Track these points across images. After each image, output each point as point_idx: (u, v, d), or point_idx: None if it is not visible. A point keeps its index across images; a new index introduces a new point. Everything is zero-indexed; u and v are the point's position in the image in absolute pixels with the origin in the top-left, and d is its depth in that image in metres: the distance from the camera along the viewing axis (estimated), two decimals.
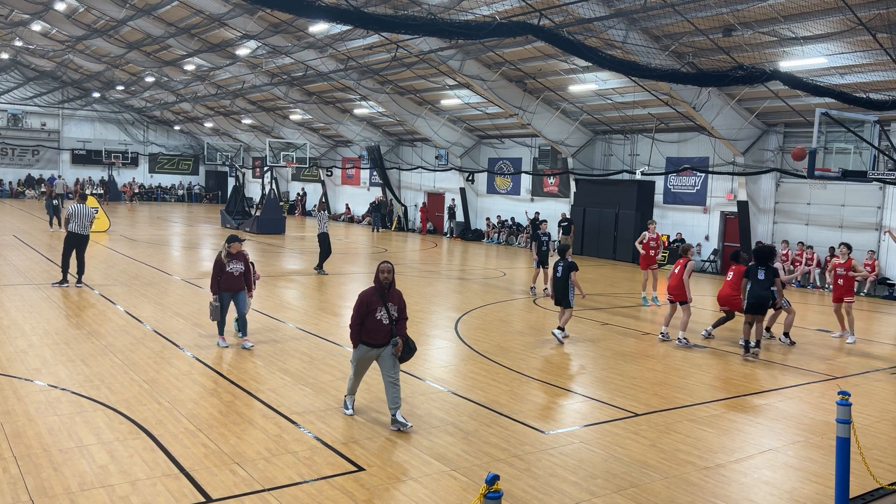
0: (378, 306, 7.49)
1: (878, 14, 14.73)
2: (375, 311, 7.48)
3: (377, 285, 7.59)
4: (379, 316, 7.49)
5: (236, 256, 10.59)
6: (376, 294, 7.56)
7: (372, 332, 7.53)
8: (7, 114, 48.19)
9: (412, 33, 15.27)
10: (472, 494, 6.07)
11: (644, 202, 26.51)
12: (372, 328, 7.51)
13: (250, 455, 6.72)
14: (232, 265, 10.52)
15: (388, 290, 7.59)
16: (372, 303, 7.50)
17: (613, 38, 18.30)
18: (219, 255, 10.58)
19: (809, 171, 12.72)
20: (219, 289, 10.51)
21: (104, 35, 32.96)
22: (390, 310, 7.55)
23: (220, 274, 10.49)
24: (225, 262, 10.49)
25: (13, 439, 6.83)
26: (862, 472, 6.56)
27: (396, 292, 7.70)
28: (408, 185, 38.66)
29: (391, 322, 7.56)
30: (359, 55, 26.90)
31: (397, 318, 7.63)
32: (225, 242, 10.60)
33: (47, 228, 27.88)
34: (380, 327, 7.51)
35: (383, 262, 7.65)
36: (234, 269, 10.55)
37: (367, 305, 7.48)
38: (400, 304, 7.68)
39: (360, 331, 7.57)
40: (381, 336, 7.53)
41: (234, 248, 10.59)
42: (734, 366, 11.18)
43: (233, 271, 10.52)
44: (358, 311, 7.53)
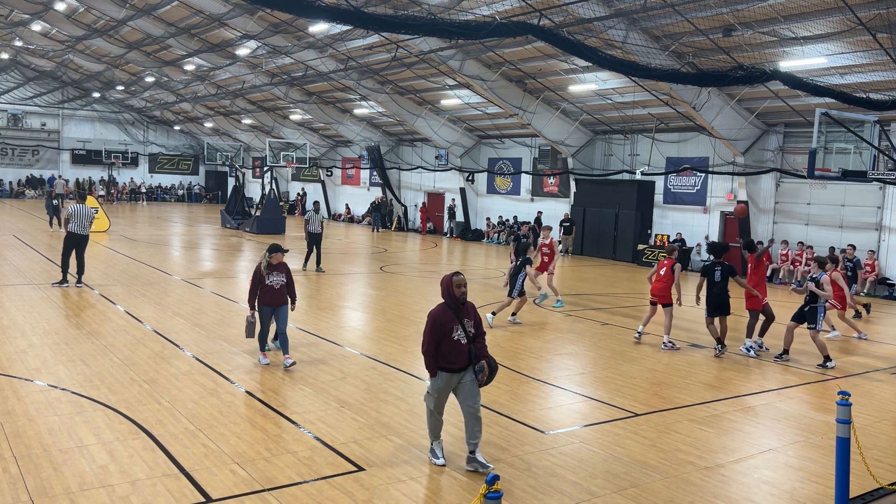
0: (454, 325, 6.52)
1: (878, 14, 14.73)
2: (452, 330, 6.49)
3: (449, 300, 6.59)
4: (456, 336, 6.51)
5: (278, 267, 9.67)
6: (449, 311, 6.57)
7: (450, 356, 6.51)
8: (7, 114, 48.19)
9: (412, 33, 15.27)
10: (472, 494, 6.07)
11: (644, 202, 26.52)
12: (450, 351, 6.50)
13: (250, 455, 6.72)
14: (272, 277, 9.60)
15: (463, 306, 6.65)
16: (446, 322, 6.51)
17: (613, 38, 18.30)
18: (258, 267, 9.65)
19: (809, 171, 12.73)
20: (258, 303, 9.68)
21: (104, 35, 32.97)
22: (467, 327, 6.58)
23: (258, 287, 9.62)
24: (265, 274, 9.59)
25: (13, 439, 6.83)
26: (862, 472, 6.56)
27: (470, 305, 6.74)
28: (408, 185, 38.66)
29: (469, 341, 6.60)
30: (359, 55, 26.90)
31: (474, 334, 6.66)
32: (266, 252, 9.67)
33: (47, 228, 27.89)
34: (458, 349, 6.52)
35: (455, 273, 6.70)
36: (275, 281, 9.60)
37: (442, 325, 6.49)
38: (475, 318, 6.72)
39: (436, 357, 6.52)
40: (461, 359, 6.54)
41: (276, 258, 9.65)
42: (734, 366, 11.18)
43: (273, 284, 9.59)
44: (431, 332, 6.50)
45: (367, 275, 19.99)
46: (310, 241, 19.42)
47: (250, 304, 9.74)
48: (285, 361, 9.72)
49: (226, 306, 14.17)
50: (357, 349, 11.10)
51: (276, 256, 9.66)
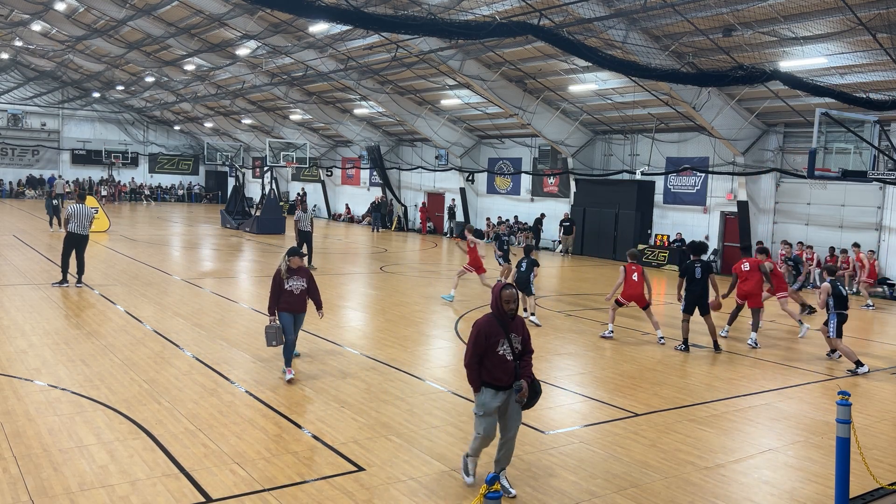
0: (500, 339, 6.07)
1: (878, 14, 14.73)
2: (497, 344, 6.05)
3: (497, 312, 6.15)
4: (501, 350, 6.06)
5: (298, 272, 9.27)
6: (496, 323, 6.12)
7: (494, 371, 6.07)
8: (7, 114, 48.20)
9: (412, 33, 15.26)
10: (473, 494, 6.07)
11: (644, 202, 26.52)
12: (494, 366, 6.06)
13: (250, 455, 6.71)
14: (292, 282, 9.20)
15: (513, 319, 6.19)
16: (492, 334, 6.06)
17: (613, 38, 18.30)
18: (277, 271, 9.25)
19: (809, 171, 12.74)
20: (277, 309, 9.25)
21: (104, 35, 32.97)
22: (514, 342, 6.12)
23: (279, 292, 9.19)
24: (284, 279, 9.19)
25: (13, 439, 6.83)
26: (862, 472, 6.56)
27: (520, 320, 6.26)
28: (408, 185, 38.66)
29: (515, 358, 6.14)
30: (359, 55, 26.90)
31: (521, 351, 6.20)
32: (285, 255, 9.30)
33: (47, 228, 27.89)
34: (503, 365, 6.06)
35: (505, 287, 6.16)
36: (295, 286, 9.22)
37: (487, 338, 6.04)
38: (524, 334, 6.24)
39: (480, 370, 6.11)
40: (506, 375, 6.08)
41: (295, 262, 9.24)
42: (734, 366, 11.18)
43: (293, 289, 9.21)
44: (475, 344, 6.06)
45: (367, 275, 19.99)
46: (300, 240, 20.06)
47: (270, 310, 9.26)
48: (286, 373, 9.25)
49: (226, 306, 14.17)
50: (357, 349, 11.10)
51: (294, 260, 9.24)
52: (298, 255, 9.29)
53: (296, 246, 9.39)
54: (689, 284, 11.99)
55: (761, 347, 12.56)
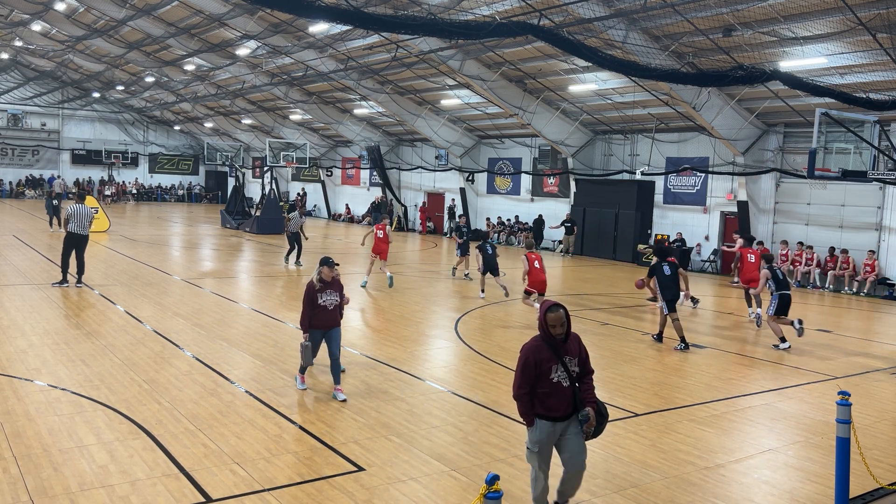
0: (552, 364, 5.30)
1: (878, 14, 14.73)
2: (549, 371, 5.29)
3: (545, 335, 5.39)
4: (555, 377, 5.29)
5: (331, 284, 8.53)
6: (546, 347, 5.35)
7: (549, 401, 5.30)
8: (7, 114, 48.19)
9: (412, 33, 15.26)
10: (472, 494, 6.07)
11: (644, 202, 26.51)
12: (548, 395, 5.29)
13: (250, 455, 6.71)
14: (325, 296, 8.47)
15: (565, 341, 5.41)
16: (543, 360, 5.30)
17: (613, 38, 18.30)
18: (310, 284, 8.51)
19: (809, 171, 12.75)
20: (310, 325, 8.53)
21: (104, 35, 32.97)
22: (569, 366, 5.36)
23: (311, 307, 8.45)
24: (318, 294, 8.46)
25: (13, 439, 6.83)
26: (862, 472, 6.56)
27: (574, 338, 5.51)
28: (408, 185, 38.66)
29: (572, 383, 5.37)
30: (359, 55, 26.90)
31: (579, 373, 5.43)
32: (318, 266, 8.54)
33: (47, 228, 27.89)
34: (559, 393, 5.30)
35: (553, 306, 5.40)
36: (328, 301, 8.49)
37: (537, 365, 5.29)
38: (581, 354, 5.47)
39: (532, 402, 5.33)
40: (563, 405, 5.31)
41: (327, 273, 8.48)
42: (734, 366, 11.19)
43: (326, 304, 8.47)
44: (523, 373, 5.31)
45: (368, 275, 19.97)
46: (290, 239, 21.20)
47: (303, 326, 8.50)
48: (337, 394, 8.50)
49: (226, 306, 14.18)
50: (357, 349, 11.10)
51: (327, 271, 8.47)
52: (330, 264, 8.50)
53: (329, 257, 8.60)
54: (664, 282, 12.32)
55: (761, 347, 12.55)
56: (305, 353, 8.55)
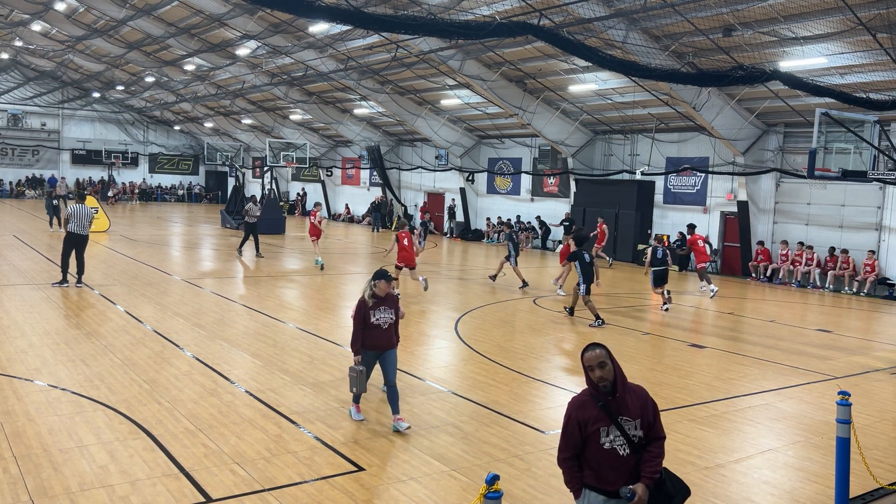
0: (602, 426, 4.13)
1: (878, 14, 14.73)
2: (598, 434, 4.12)
3: (592, 388, 4.24)
4: (607, 443, 4.12)
5: (385, 300, 7.62)
6: (593, 403, 4.19)
7: (601, 471, 4.15)
8: (7, 114, 48.20)
9: (412, 33, 15.27)
10: (472, 494, 6.07)
11: (644, 202, 26.51)
12: (599, 464, 4.14)
13: (250, 455, 6.71)
14: (379, 314, 7.54)
15: (615, 395, 4.19)
16: (589, 420, 4.14)
17: (613, 38, 18.30)
18: (361, 300, 7.59)
19: (809, 171, 12.76)
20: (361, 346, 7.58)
21: (104, 35, 32.97)
22: (627, 429, 4.13)
23: (364, 326, 7.53)
24: (371, 311, 7.54)
25: (13, 439, 6.83)
26: (862, 472, 6.56)
27: (635, 394, 4.30)
28: (408, 185, 38.66)
29: (634, 451, 4.15)
30: (359, 55, 26.90)
31: (641, 437, 4.20)
32: (371, 280, 7.63)
33: (47, 228, 27.89)
34: (612, 461, 4.13)
35: (589, 348, 4.29)
36: (382, 319, 7.55)
37: (581, 426, 4.15)
38: (644, 412, 4.23)
39: (579, 469, 4.22)
40: (619, 475, 4.12)
41: (383, 288, 7.56)
42: (734, 366, 11.19)
43: (380, 322, 7.54)
44: (565, 435, 4.21)
45: (368, 275, 19.89)
46: (247, 230, 22.37)
47: (354, 348, 7.58)
48: (398, 424, 7.52)
49: (226, 306, 14.18)
50: None
51: (382, 286, 7.57)
52: (386, 278, 7.62)
53: (385, 269, 7.79)
54: (584, 268, 13.97)
55: (761, 347, 12.55)
56: (358, 379, 7.56)
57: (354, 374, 7.56)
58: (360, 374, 7.56)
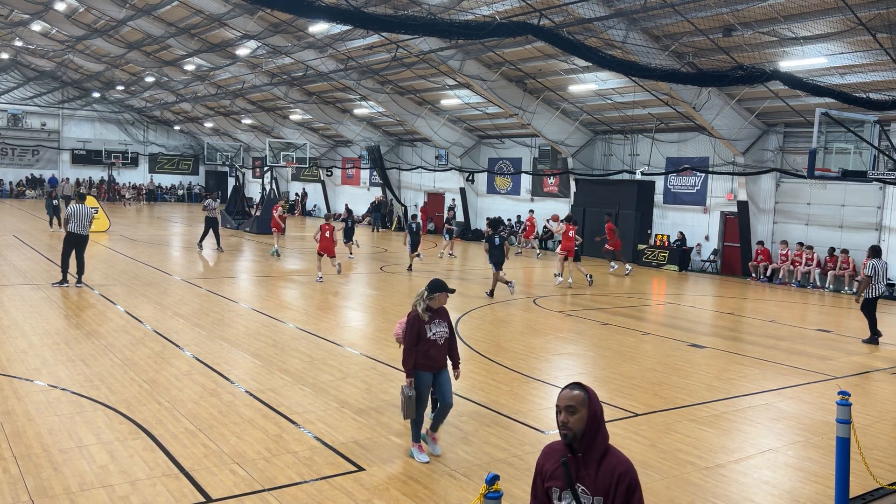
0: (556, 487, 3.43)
1: (878, 14, 14.73)
2: (551, 495, 3.44)
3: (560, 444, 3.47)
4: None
5: (439, 313, 6.89)
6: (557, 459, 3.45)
7: None
8: (7, 114, 48.20)
9: (412, 33, 15.28)
10: (472, 494, 6.07)
11: (644, 202, 26.51)
12: None
13: (250, 455, 6.71)
14: (435, 328, 6.77)
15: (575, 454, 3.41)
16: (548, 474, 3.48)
17: (613, 38, 18.30)
18: (413, 312, 6.82)
19: (809, 171, 12.76)
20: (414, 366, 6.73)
21: (104, 35, 32.98)
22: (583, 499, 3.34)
23: (416, 342, 6.74)
24: (426, 326, 6.76)
25: (13, 439, 6.83)
26: (862, 472, 6.56)
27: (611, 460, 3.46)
28: (408, 185, 38.66)
29: None
30: (359, 55, 26.90)
31: None
32: (424, 291, 6.84)
33: (47, 228, 27.89)
34: None
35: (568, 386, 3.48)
36: (438, 334, 6.78)
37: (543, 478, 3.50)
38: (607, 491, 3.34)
39: None
40: None
41: (439, 301, 6.85)
42: (734, 366, 11.18)
43: (436, 338, 6.76)
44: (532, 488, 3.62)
45: (367, 275, 19.99)
46: (206, 224, 23.75)
47: (407, 367, 6.74)
48: (432, 445, 6.96)
49: (226, 306, 14.18)
50: (357, 349, 11.10)
51: (439, 298, 6.81)
52: (444, 290, 6.82)
53: (443, 281, 6.90)
54: (492, 249, 16.71)
55: (761, 347, 12.55)
56: (408, 404, 6.63)
57: (407, 398, 6.63)
58: (410, 399, 6.63)
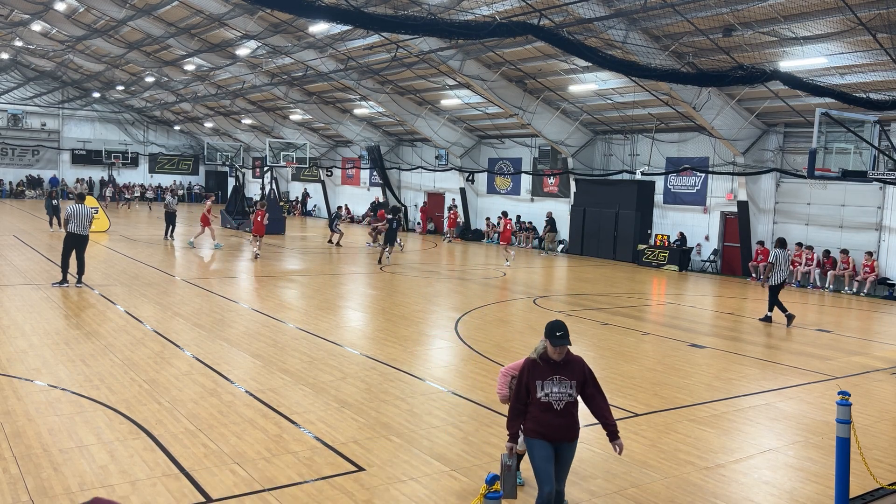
0: None
1: (878, 14, 14.74)
2: None
3: None
4: None
5: (563, 368, 5.07)
6: None
7: None
8: (7, 114, 48.20)
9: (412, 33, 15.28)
10: (472, 494, 6.07)
11: (644, 202, 26.51)
12: None
13: (250, 455, 6.71)
14: (553, 387, 5.03)
15: None
16: None
17: (613, 38, 18.31)
18: (526, 361, 5.18)
19: (809, 171, 12.76)
20: (523, 430, 5.21)
21: (104, 35, 32.97)
22: None
23: (525, 401, 5.11)
24: (536, 382, 5.06)
25: (13, 439, 6.83)
26: (862, 472, 6.56)
27: None
28: (408, 185, 38.66)
29: None
30: (359, 55, 26.90)
31: None
32: (543, 339, 5.12)
33: (47, 228, 27.89)
34: None
35: None
36: (554, 396, 5.02)
37: None
38: None
39: None
40: None
41: (560, 351, 5.03)
42: (734, 366, 11.19)
43: (549, 400, 5.01)
44: None
45: (367, 275, 20.00)
46: (167, 218, 26.16)
47: (510, 430, 5.17)
48: None
49: (226, 306, 14.18)
50: (357, 349, 11.11)
51: (561, 349, 5.05)
52: (563, 337, 4.98)
53: (559, 323, 5.10)
54: (390, 231, 21.97)
55: (761, 347, 12.55)
56: (507, 478, 5.21)
57: (503, 468, 5.25)
58: (509, 472, 5.21)
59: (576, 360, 5.19)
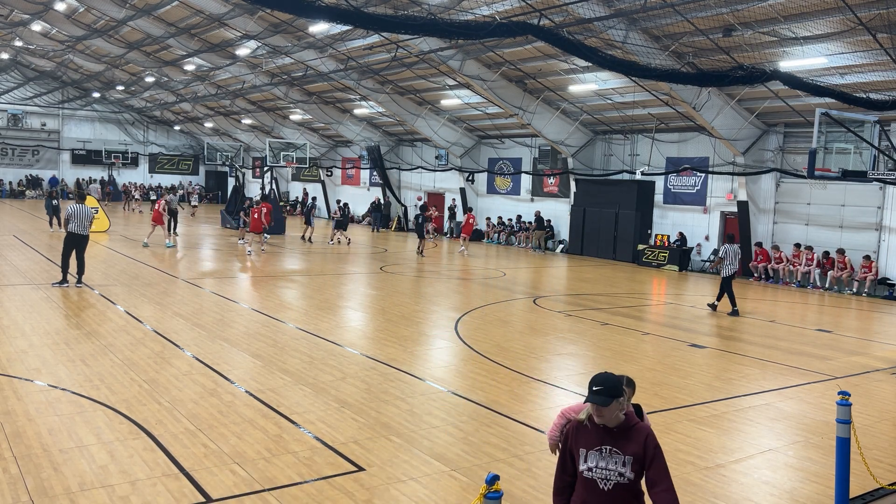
0: None
1: (878, 14, 14.74)
2: None
3: None
4: None
5: (617, 436, 3.98)
6: None
7: None
8: (7, 114, 48.20)
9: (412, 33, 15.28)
10: (472, 494, 6.07)
11: (644, 202, 26.51)
12: None
13: (250, 455, 6.71)
14: (595, 459, 3.92)
15: None
16: None
17: (613, 38, 18.31)
18: (572, 426, 4.05)
19: (809, 171, 12.77)
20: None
21: (104, 35, 32.97)
22: None
23: (571, 472, 4.00)
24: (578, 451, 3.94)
25: (13, 439, 6.83)
26: (862, 472, 6.56)
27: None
28: (408, 185, 38.66)
29: None
30: (359, 55, 26.90)
31: None
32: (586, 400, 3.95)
33: (47, 228, 27.89)
34: None
35: None
36: (598, 472, 3.91)
37: None
38: None
39: None
40: None
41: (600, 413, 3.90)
42: (734, 366, 11.19)
43: (592, 476, 3.90)
44: None
45: (367, 275, 19.99)
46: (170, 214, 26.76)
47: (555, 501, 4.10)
48: None
49: (226, 306, 14.18)
50: (357, 349, 11.11)
51: (611, 410, 3.91)
52: (600, 393, 3.84)
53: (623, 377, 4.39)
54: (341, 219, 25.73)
55: (761, 347, 12.54)
56: None
57: None
58: None
59: (638, 428, 4.00)
